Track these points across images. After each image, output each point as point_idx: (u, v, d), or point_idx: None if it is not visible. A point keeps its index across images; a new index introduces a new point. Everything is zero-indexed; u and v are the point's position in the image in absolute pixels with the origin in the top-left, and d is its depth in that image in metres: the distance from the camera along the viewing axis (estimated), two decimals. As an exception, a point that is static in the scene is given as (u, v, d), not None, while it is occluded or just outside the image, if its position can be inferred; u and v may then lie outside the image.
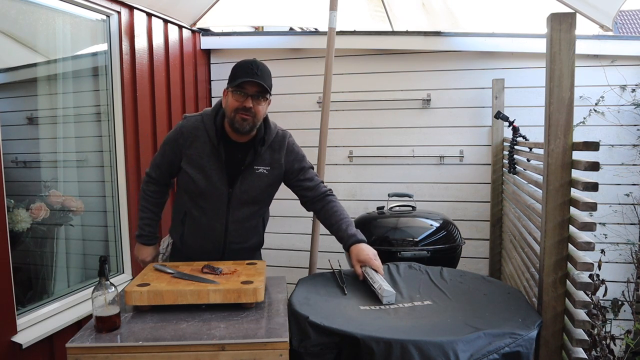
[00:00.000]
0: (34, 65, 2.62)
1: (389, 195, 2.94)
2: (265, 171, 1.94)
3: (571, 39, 1.56)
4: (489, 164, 3.39)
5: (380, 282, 1.77)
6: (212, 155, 1.88)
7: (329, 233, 2.05)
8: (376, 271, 1.86)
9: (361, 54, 3.56)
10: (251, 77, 1.79)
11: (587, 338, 1.55)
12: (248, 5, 3.60)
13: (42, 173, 2.70)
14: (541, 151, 1.82)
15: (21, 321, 2.21)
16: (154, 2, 2.99)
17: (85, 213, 2.81)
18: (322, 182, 2.10)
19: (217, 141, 1.86)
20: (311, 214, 2.69)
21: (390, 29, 3.63)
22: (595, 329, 2.29)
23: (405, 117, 3.53)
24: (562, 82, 1.57)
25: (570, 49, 1.56)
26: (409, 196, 2.92)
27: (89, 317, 1.63)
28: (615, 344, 2.51)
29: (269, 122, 1.98)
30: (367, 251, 1.90)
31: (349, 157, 3.65)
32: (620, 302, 2.89)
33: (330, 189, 2.10)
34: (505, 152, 3.02)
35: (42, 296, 2.50)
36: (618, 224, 3.22)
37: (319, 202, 2.06)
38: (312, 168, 2.09)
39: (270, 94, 1.89)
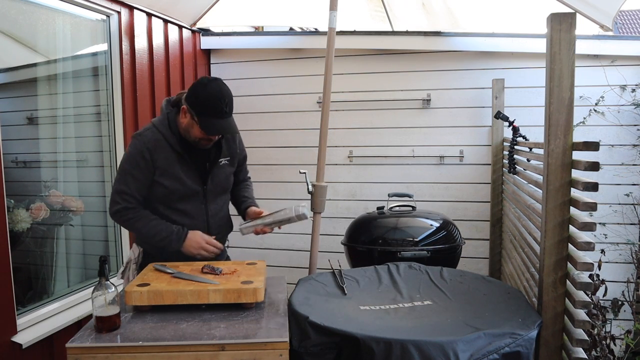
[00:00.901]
0: (34, 65, 2.62)
1: (389, 195, 2.94)
2: (227, 162, 2.04)
3: (571, 39, 1.56)
4: (489, 164, 3.39)
5: (285, 210, 1.96)
6: (180, 162, 1.91)
7: (329, 233, 2.06)
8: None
9: (361, 54, 3.57)
10: (221, 118, 1.81)
11: (587, 338, 1.55)
12: (248, 5, 3.60)
13: (42, 173, 2.70)
14: (541, 151, 1.82)
15: (21, 321, 2.21)
16: (154, 2, 2.99)
17: (85, 213, 2.81)
18: (249, 173, 2.30)
19: (180, 148, 1.90)
20: (311, 213, 2.70)
21: (390, 29, 3.63)
22: (595, 329, 2.29)
23: (405, 117, 3.53)
24: (562, 82, 1.57)
25: (570, 49, 1.56)
26: (409, 196, 2.92)
27: (89, 317, 1.63)
28: (615, 344, 2.51)
29: None
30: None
31: (349, 157, 3.65)
32: (620, 302, 2.89)
33: (250, 176, 2.31)
34: (505, 152, 3.02)
35: (42, 296, 2.50)
36: (618, 224, 3.22)
37: (242, 183, 2.24)
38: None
39: None
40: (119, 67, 2.83)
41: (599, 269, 2.69)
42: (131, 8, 2.90)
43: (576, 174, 1.62)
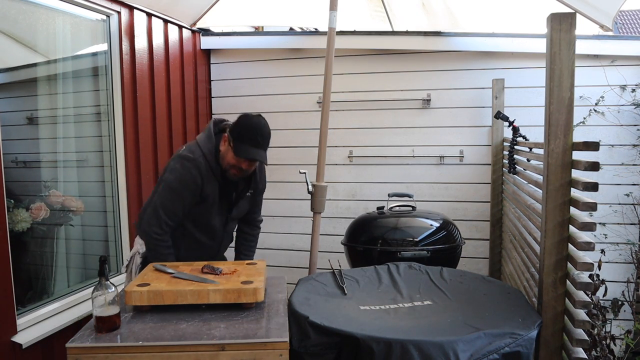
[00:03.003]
0: (34, 65, 2.62)
1: (389, 195, 2.94)
2: (249, 194, 2.18)
3: (571, 39, 1.56)
4: (489, 164, 3.39)
5: None
6: (216, 189, 2.04)
7: (329, 233, 2.07)
8: None
9: (361, 54, 3.56)
10: (255, 147, 1.92)
11: (587, 338, 1.55)
12: (248, 5, 3.60)
13: (42, 173, 2.70)
14: (541, 151, 1.82)
15: (21, 321, 2.20)
16: (154, 2, 2.99)
17: (85, 213, 2.81)
18: (260, 213, 2.39)
19: (221, 179, 2.02)
20: (311, 214, 2.70)
21: (390, 29, 3.63)
22: (595, 329, 2.29)
23: (405, 117, 3.53)
24: (562, 82, 1.57)
25: (570, 49, 1.56)
26: (409, 196, 2.92)
27: (89, 317, 1.63)
28: (615, 344, 2.51)
29: None
30: None
31: (349, 157, 3.65)
32: (620, 302, 2.89)
33: (260, 224, 2.40)
34: (505, 152, 3.02)
35: (42, 296, 2.50)
36: (618, 224, 3.22)
37: (251, 226, 2.37)
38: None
39: None
40: (119, 67, 2.83)
41: (599, 269, 2.69)
42: (131, 8, 2.90)
43: (576, 174, 1.62)
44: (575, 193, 1.62)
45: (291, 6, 3.61)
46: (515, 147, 2.74)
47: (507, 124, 3.06)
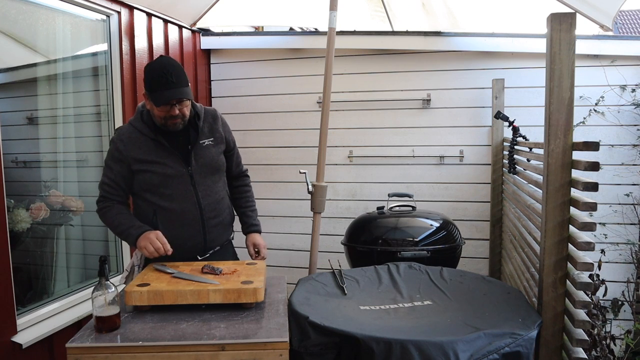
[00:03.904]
0: (34, 65, 2.62)
1: (389, 195, 2.94)
2: (210, 142, 2.02)
3: (571, 39, 1.56)
4: (489, 164, 3.39)
5: None
6: (157, 148, 1.93)
7: (329, 233, 2.05)
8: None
9: (361, 54, 3.56)
10: (168, 89, 1.79)
11: (587, 338, 1.55)
12: (248, 5, 3.60)
13: (42, 173, 2.70)
14: (541, 151, 1.82)
15: (21, 321, 2.20)
16: (154, 2, 2.99)
17: (85, 213, 2.80)
18: (243, 165, 2.27)
19: (153, 135, 1.92)
20: (311, 214, 2.70)
21: (390, 29, 3.63)
22: (595, 329, 2.29)
23: (405, 117, 3.53)
24: (562, 82, 1.58)
25: (570, 49, 1.56)
26: (409, 196, 2.92)
27: (89, 317, 1.63)
28: (615, 344, 2.51)
29: (193, 100, 2.02)
30: (262, 240, 2.17)
31: (349, 157, 3.65)
32: (620, 302, 2.89)
33: (247, 174, 2.28)
34: (505, 152, 3.02)
35: (42, 296, 2.50)
36: (618, 224, 3.22)
37: (240, 179, 2.24)
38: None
39: (189, 87, 1.90)
40: (119, 67, 2.83)
41: (599, 269, 2.69)
42: (131, 8, 2.90)
43: (576, 174, 1.62)
44: (575, 193, 1.62)
45: (291, 6, 3.61)
46: (515, 147, 2.74)
47: (507, 124, 3.06)
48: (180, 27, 3.44)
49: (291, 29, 4.37)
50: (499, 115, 3.09)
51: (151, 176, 1.92)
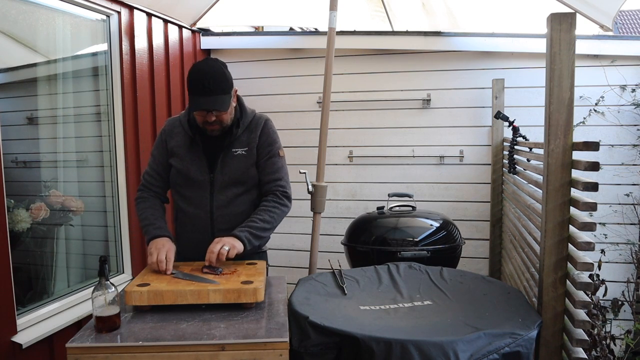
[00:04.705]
0: (34, 65, 2.62)
1: (389, 195, 2.94)
2: (243, 152, 1.92)
3: (571, 39, 1.56)
4: (489, 164, 3.39)
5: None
6: (191, 146, 1.93)
7: (329, 233, 2.05)
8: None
9: (361, 54, 3.56)
10: (202, 95, 1.75)
11: (587, 338, 1.55)
12: (248, 5, 3.60)
13: (42, 173, 2.70)
14: (541, 151, 1.82)
15: (21, 321, 2.20)
16: (154, 2, 2.99)
17: (85, 213, 2.80)
18: (281, 181, 2.00)
19: (192, 133, 1.92)
20: (311, 214, 2.70)
21: (390, 29, 3.63)
22: (595, 329, 2.29)
23: (405, 117, 3.53)
24: (562, 82, 1.58)
25: (570, 49, 1.56)
26: (409, 196, 2.92)
27: (89, 317, 1.63)
28: (615, 344, 2.52)
29: (244, 105, 2.00)
30: (218, 242, 1.76)
31: (349, 157, 3.65)
32: (620, 302, 2.89)
33: (285, 192, 1.99)
34: (505, 152, 3.02)
35: (42, 296, 2.50)
36: (618, 224, 3.22)
37: (267, 196, 1.98)
38: (281, 161, 2.04)
39: (230, 94, 1.82)
40: (119, 67, 2.83)
41: (599, 269, 2.69)
42: (131, 8, 2.90)
43: (576, 174, 1.62)
44: (575, 193, 1.62)
45: (291, 6, 3.61)
46: (515, 147, 2.74)
47: (507, 124, 3.06)
48: (180, 27, 3.43)
49: (291, 29, 4.37)
50: (499, 115, 3.09)
51: (177, 174, 1.95)
